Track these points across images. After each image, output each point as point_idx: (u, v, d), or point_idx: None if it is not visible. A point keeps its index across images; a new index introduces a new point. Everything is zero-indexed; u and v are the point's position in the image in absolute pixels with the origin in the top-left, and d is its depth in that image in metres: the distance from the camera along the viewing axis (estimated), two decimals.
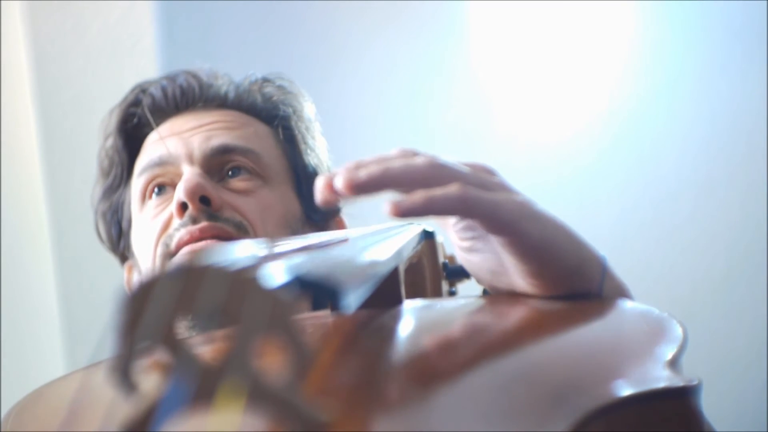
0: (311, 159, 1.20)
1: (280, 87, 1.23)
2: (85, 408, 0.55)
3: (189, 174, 1.07)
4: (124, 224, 1.18)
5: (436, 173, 0.67)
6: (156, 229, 1.09)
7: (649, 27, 2.18)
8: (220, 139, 1.12)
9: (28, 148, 1.85)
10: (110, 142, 1.20)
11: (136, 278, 1.18)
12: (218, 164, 1.11)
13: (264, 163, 1.14)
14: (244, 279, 0.42)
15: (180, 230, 1.05)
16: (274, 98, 1.21)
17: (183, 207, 1.06)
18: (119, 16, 1.88)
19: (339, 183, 0.65)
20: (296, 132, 1.20)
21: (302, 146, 1.20)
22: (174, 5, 1.94)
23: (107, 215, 1.20)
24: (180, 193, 1.05)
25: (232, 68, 1.26)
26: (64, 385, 0.64)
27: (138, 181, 1.14)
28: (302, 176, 1.18)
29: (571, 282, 0.72)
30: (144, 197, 1.13)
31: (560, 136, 2.16)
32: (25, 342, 1.85)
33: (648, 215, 2.13)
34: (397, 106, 2.12)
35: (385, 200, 0.66)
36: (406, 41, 2.13)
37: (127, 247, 1.18)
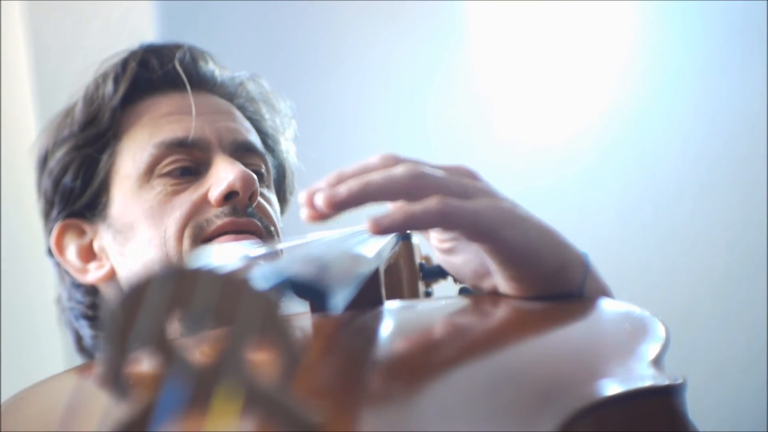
0: (288, 165, 1.22)
1: (264, 90, 1.22)
2: (82, 409, 0.55)
3: (239, 166, 1.05)
4: (95, 184, 1.12)
5: (416, 184, 0.68)
6: (184, 208, 1.05)
7: (649, 27, 2.18)
8: (243, 134, 1.12)
9: (28, 148, 1.85)
10: (106, 94, 1.13)
11: (72, 238, 1.14)
12: (241, 159, 1.10)
13: (268, 167, 1.15)
14: (236, 281, 0.42)
15: (222, 217, 1.03)
16: (259, 101, 1.21)
17: (228, 196, 1.04)
18: (119, 16, 1.88)
19: (320, 201, 0.66)
20: (278, 138, 1.21)
21: (283, 152, 1.21)
22: (174, 5, 1.94)
23: (71, 167, 1.12)
24: (235, 183, 1.03)
25: (232, 68, 1.26)
26: (55, 386, 0.64)
27: (150, 152, 1.08)
28: (280, 181, 1.20)
29: (553, 284, 0.73)
30: (152, 170, 1.08)
31: (560, 137, 2.16)
32: (25, 342, 1.85)
33: (648, 215, 2.13)
34: (395, 106, 2.12)
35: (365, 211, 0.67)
36: (404, 41, 2.13)
37: (90, 207, 1.12)
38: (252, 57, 2.03)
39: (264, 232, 1.05)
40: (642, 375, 0.54)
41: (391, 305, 0.74)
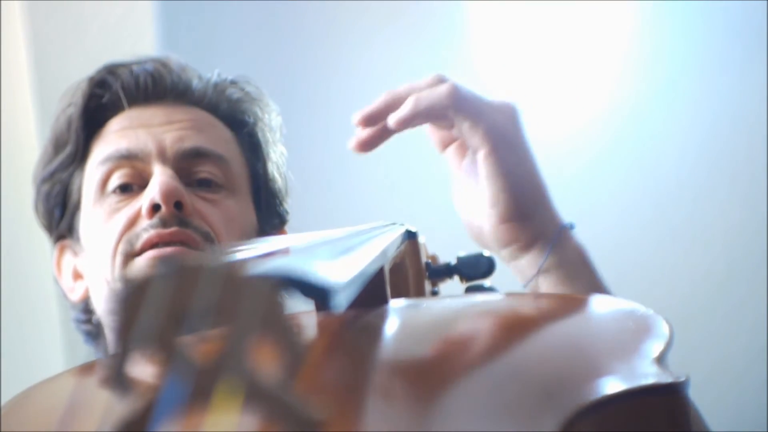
0: (271, 170, 1.19)
1: (248, 93, 1.20)
2: (81, 408, 0.55)
3: (164, 176, 1.05)
4: (70, 206, 1.15)
5: (436, 81, 0.78)
6: (119, 225, 1.06)
7: (649, 27, 2.18)
8: (193, 140, 1.11)
9: (28, 148, 1.85)
10: (68, 119, 1.16)
11: (69, 258, 1.16)
12: (188, 167, 1.10)
13: (232, 172, 1.13)
14: (238, 278, 0.42)
15: (149, 231, 1.03)
16: (242, 104, 1.19)
17: (155, 208, 1.04)
18: (119, 16, 1.88)
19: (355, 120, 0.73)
20: (261, 141, 1.19)
21: (265, 157, 1.19)
22: (174, 5, 1.95)
23: (52, 193, 1.16)
24: (155, 195, 1.03)
25: (232, 68, 1.25)
26: (55, 386, 0.64)
27: (99, 169, 1.10)
28: (261, 187, 1.18)
29: (522, 226, 0.77)
30: (104, 187, 1.10)
31: (560, 136, 2.16)
32: (25, 342, 1.85)
33: (648, 215, 2.13)
34: None
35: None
36: (404, 41, 2.13)
37: (70, 229, 1.16)
38: (252, 57, 2.03)
39: (200, 239, 1.04)
40: (645, 373, 0.54)
41: (395, 304, 0.75)
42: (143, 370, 0.43)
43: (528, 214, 0.77)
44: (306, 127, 1.93)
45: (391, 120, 0.72)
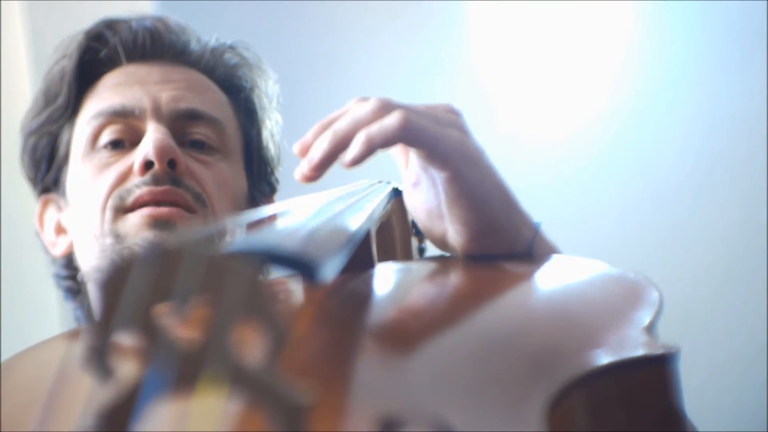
0: (265, 137, 1.18)
1: (245, 58, 1.19)
2: (66, 391, 0.54)
3: (159, 133, 1.04)
4: (58, 160, 1.13)
5: (383, 113, 0.70)
6: (109, 180, 1.05)
7: (649, 27, 2.17)
8: (189, 102, 1.09)
9: None
10: (61, 70, 1.13)
11: (52, 213, 1.15)
12: (183, 127, 1.08)
13: (226, 135, 1.12)
14: (220, 261, 0.42)
15: (141, 187, 1.02)
16: (239, 69, 1.18)
17: (147, 165, 1.03)
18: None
19: (303, 170, 0.70)
20: (256, 107, 1.18)
21: (260, 124, 1.18)
22: (174, 5, 1.94)
23: (39, 145, 1.14)
24: (149, 151, 1.02)
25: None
26: (43, 355, 0.63)
27: (91, 124, 1.09)
28: (254, 154, 1.16)
29: (498, 240, 0.74)
30: (95, 142, 1.08)
31: (561, 136, 2.16)
32: (25, 342, 1.84)
33: (648, 215, 2.12)
34: None
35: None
36: (405, 41, 2.13)
37: (56, 183, 1.14)
38: None
39: (191, 200, 1.03)
40: (635, 343, 0.54)
41: (382, 269, 0.74)
42: (127, 354, 0.42)
43: (501, 226, 0.74)
44: (306, 126, 1.92)
45: (345, 161, 0.69)
